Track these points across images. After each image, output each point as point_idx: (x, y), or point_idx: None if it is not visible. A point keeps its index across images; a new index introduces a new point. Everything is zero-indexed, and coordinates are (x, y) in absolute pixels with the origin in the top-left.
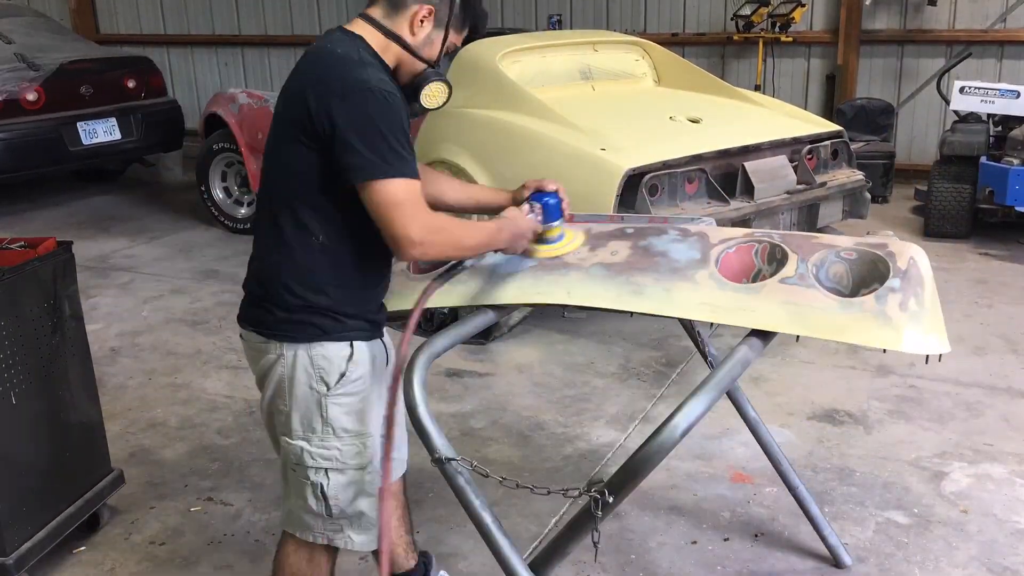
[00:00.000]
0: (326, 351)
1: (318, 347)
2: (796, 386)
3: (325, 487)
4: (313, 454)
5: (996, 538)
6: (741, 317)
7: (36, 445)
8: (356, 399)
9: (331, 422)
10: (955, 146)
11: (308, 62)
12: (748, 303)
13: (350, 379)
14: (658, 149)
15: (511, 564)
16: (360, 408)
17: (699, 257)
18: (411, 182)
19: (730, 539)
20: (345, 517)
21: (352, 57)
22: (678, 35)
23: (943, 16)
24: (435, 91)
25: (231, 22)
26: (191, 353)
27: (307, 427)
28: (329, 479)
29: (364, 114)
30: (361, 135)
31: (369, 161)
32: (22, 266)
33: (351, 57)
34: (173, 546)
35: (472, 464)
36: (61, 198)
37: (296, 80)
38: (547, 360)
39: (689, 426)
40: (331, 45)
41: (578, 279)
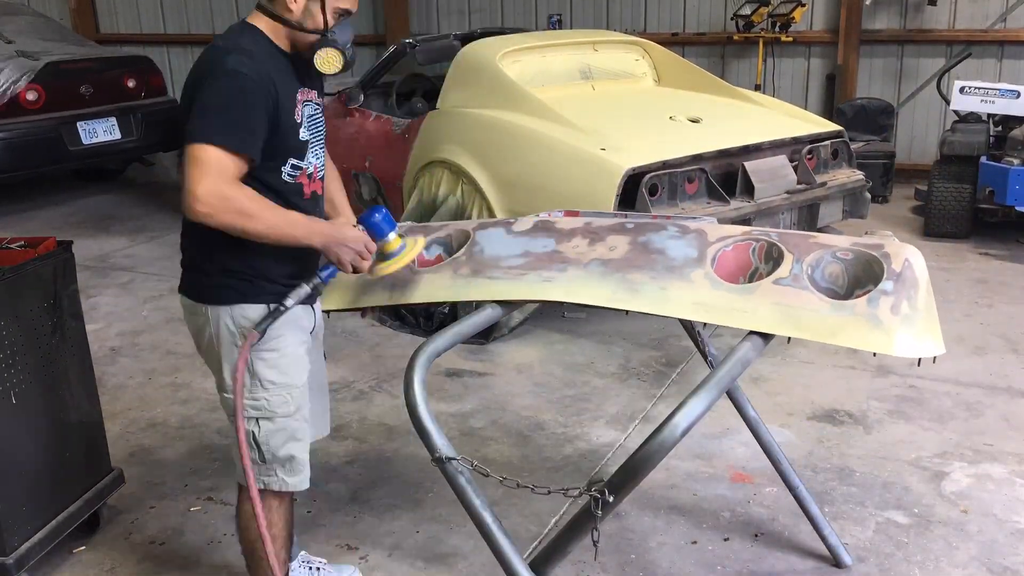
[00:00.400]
0: (245, 312)
1: (238, 308)
2: (796, 386)
3: (257, 435)
4: (244, 405)
5: (996, 538)
6: (734, 318)
7: (36, 445)
8: (277, 354)
9: (257, 375)
10: (955, 146)
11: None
12: (741, 304)
13: (270, 336)
14: (658, 149)
15: (511, 563)
16: (282, 362)
17: (696, 255)
18: (221, 151)
19: (730, 539)
20: (277, 461)
21: (225, 47)
22: (678, 35)
23: (943, 16)
24: (327, 57)
25: (231, 22)
26: (191, 353)
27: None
28: (260, 427)
29: (211, 90)
30: (201, 107)
31: (194, 126)
32: (22, 266)
33: (224, 47)
34: (173, 546)
35: (472, 464)
36: (61, 198)
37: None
38: (547, 360)
39: (689, 425)
40: (218, 38)
41: (575, 276)
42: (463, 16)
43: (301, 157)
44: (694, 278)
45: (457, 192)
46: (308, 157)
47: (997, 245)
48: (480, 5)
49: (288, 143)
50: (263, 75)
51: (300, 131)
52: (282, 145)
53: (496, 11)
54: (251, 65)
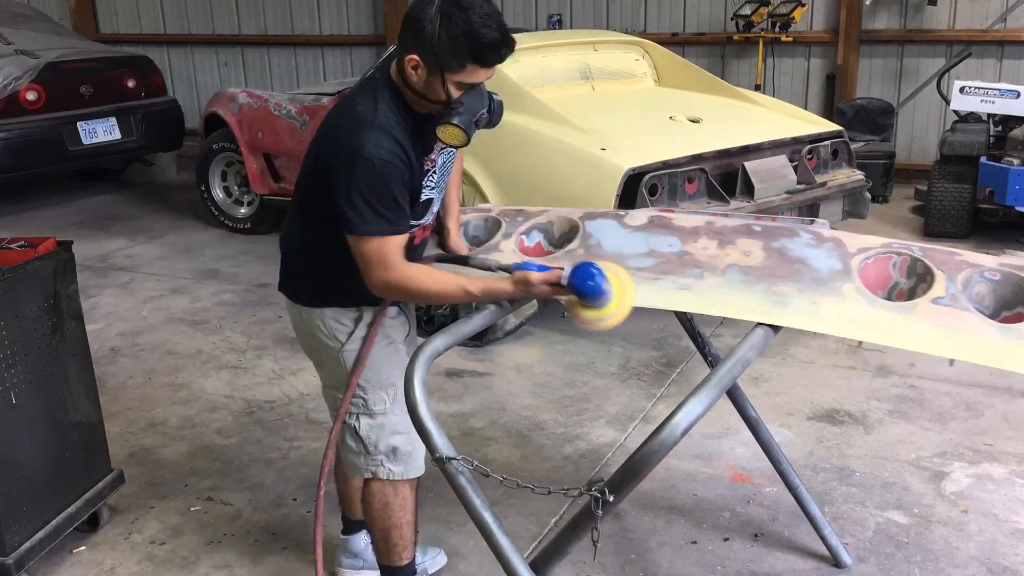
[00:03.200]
0: (336, 314)
1: (328, 311)
2: (796, 386)
3: (358, 429)
4: (343, 407)
5: (996, 538)
6: (892, 338)
7: (36, 445)
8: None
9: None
10: (955, 146)
11: (334, 112)
12: (900, 323)
13: (358, 336)
14: (658, 149)
15: (512, 563)
16: (374, 364)
17: (840, 267)
18: (380, 240)
19: (730, 539)
20: (380, 453)
21: (364, 116)
22: (678, 35)
23: (943, 16)
24: (448, 133)
25: (231, 22)
26: (191, 353)
27: (335, 377)
28: (360, 422)
29: (351, 178)
30: (347, 196)
31: (348, 218)
32: (22, 266)
33: (363, 117)
34: (173, 546)
35: (473, 464)
36: (61, 198)
37: (324, 126)
38: (547, 360)
39: (690, 425)
40: (356, 97)
41: (715, 284)
42: None
43: (422, 216)
44: (846, 293)
45: None
46: (428, 215)
47: (997, 245)
48: None
49: (415, 208)
50: (398, 154)
51: (424, 191)
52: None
53: None
54: (388, 147)
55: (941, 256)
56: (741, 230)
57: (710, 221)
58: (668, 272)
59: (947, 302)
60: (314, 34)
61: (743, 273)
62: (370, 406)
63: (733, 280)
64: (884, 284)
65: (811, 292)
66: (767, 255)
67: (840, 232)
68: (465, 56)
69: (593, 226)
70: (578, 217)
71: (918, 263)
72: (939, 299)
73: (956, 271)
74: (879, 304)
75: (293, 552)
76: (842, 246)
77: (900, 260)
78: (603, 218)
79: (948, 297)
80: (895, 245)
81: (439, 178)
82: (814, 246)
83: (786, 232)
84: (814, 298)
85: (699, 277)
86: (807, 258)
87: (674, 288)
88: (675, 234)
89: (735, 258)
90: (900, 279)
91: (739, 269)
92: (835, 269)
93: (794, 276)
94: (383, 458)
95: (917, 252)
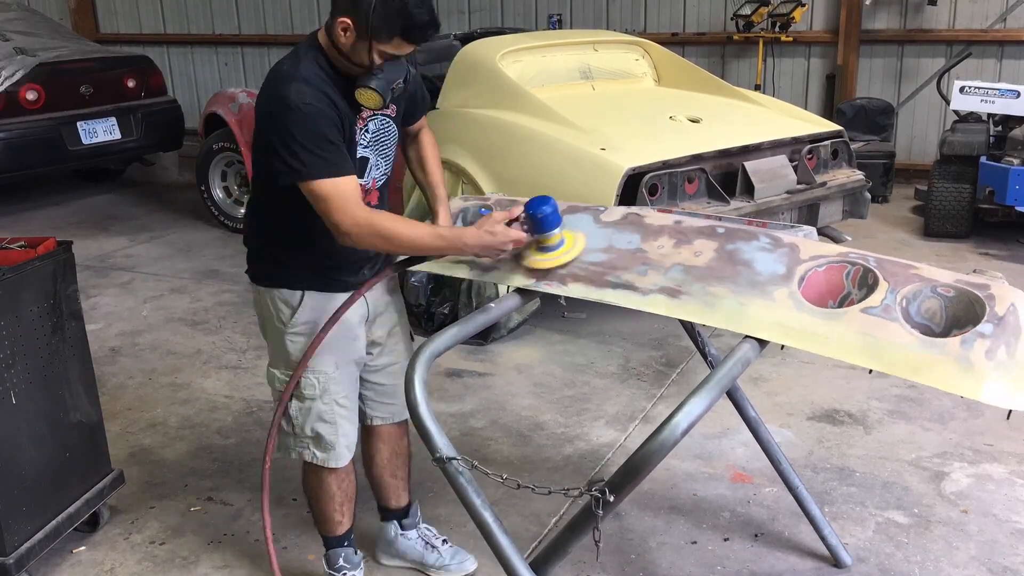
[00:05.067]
0: (283, 295)
1: (276, 291)
2: (796, 386)
3: (289, 408)
4: (279, 379)
5: (996, 538)
6: (812, 343)
7: (36, 445)
8: (306, 339)
9: (288, 355)
10: (955, 146)
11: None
12: (823, 329)
13: (299, 321)
14: (658, 149)
15: (512, 563)
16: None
17: (783, 272)
18: (330, 182)
19: (730, 539)
20: (307, 437)
21: (286, 72)
22: (678, 35)
23: (943, 16)
24: (365, 96)
25: (231, 22)
26: (191, 353)
27: (276, 357)
28: (291, 403)
29: (284, 129)
30: (285, 146)
31: (292, 168)
32: (22, 266)
33: (286, 73)
34: (173, 546)
35: (473, 464)
36: (61, 198)
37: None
38: (547, 360)
39: (690, 425)
40: (282, 60)
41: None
42: (463, 16)
43: (361, 174)
44: (777, 296)
45: (457, 192)
46: (367, 175)
47: (997, 245)
48: (480, 5)
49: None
50: (322, 100)
51: (358, 149)
52: None
53: (496, 11)
54: (310, 92)
55: (894, 268)
56: (704, 231)
57: (679, 220)
58: (615, 268)
59: (878, 312)
60: None
61: (684, 272)
62: (301, 388)
63: (673, 279)
64: (836, 293)
65: (743, 294)
66: (716, 256)
67: (803, 239)
68: (395, 30)
69: (570, 220)
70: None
71: (870, 274)
72: (871, 308)
73: (904, 283)
74: (806, 309)
75: (293, 552)
76: (796, 252)
77: (854, 270)
78: (583, 212)
79: (881, 307)
80: (852, 255)
81: (373, 140)
82: (767, 250)
83: (746, 235)
84: (743, 299)
85: (642, 274)
86: (754, 261)
87: (615, 284)
88: (639, 231)
89: (684, 257)
90: (852, 289)
91: (682, 268)
92: (776, 273)
93: (732, 278)
94: (309, 441)
95: (872, 263)
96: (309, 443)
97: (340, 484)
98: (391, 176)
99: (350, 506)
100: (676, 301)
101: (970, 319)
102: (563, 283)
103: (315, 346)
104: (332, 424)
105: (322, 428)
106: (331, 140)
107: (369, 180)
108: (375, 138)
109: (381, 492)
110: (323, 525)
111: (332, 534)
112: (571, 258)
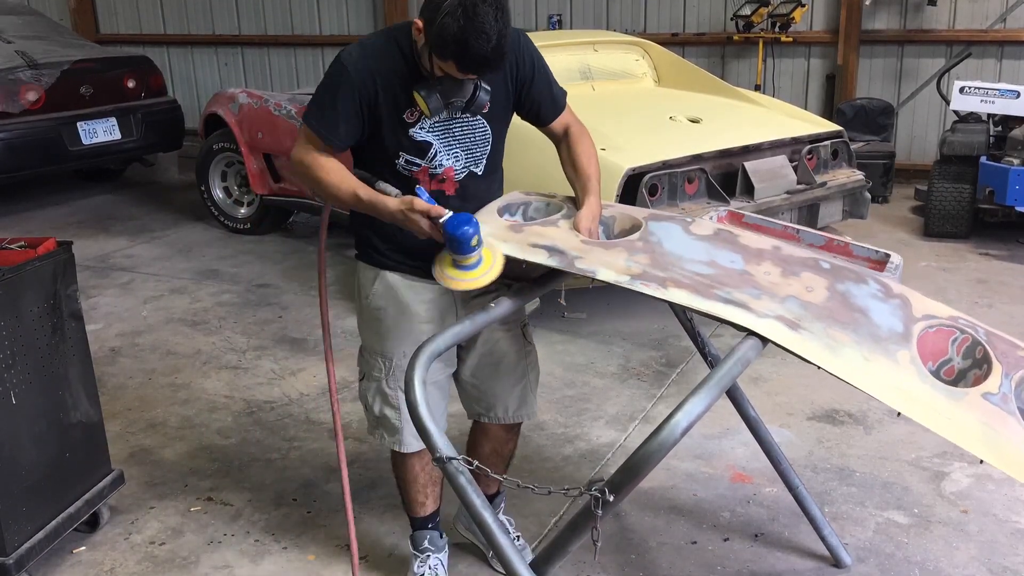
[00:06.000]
0: (363, 268)
1: (360, 266)
2: (796, 386)
3: (360, 388)
4: (358, 359)
5: (996, 538)
6: (934, 421)
7: (36, 445)
8: (378, 322)
9: (362, 334)
10: (955, 146)
11: None
12: (946, 407)
13: (373, 305)
14: (658, 149)
15: (512, 563)
16: (381, 330)
17: (901, 331)
18: (308, 129)
19: (730, 539)
20: (375, 416)
21: (364, 38)
22: (678, 35)
23: (943, 16)
24: (416, 99)
25: (231, 22)
26: (191, 353)
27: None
28: (360, 384)
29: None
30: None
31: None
32: (22, 266)
33: (363, 38)
34: (173, 546)
35: (474, 464)
36: (61, 198)
37: None
38: (547, 360)
39: (690, 424)
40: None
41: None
42: None
43: (421, 156)
44: (900, 359)
45: None
46: (435, 158)
47: (997, 245)
48: None
49: (398, 140)
50: (363, 69)
51: (413, 131)
52: (391, 139)
53: None
54: (356, 58)
55: (1004, 346)
56: (808, 263)
57: (778, 247)
58: (723, 283)
59: (997, 401)
60: (314, 34)
61: (801, 307)
62: (369, 369)
63: (790, 310)
64: (937, 357)
65: (866, 347)
66: (830, 295)
67: (908, 290)
68: (448, 54)
69: (657, 226)
70: (642, 216)
71: (979, 348)
72: (990, 395)
73: (1015, 368)
74: (929, 381)
75: (293, 552)
76: (908, 307)
77: (962, 338)
78: (669, 221)
79: (999, 396)
80: (961, 321)
81: (445, 131)
82: (880, 299)
83: (854, 276)
84: (867, 354)
85: (756, 297)
86: (869, 310)
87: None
88: (738, 252)
89: (796, 290)
90: (955, 357)
91: (798, 302)
92: (895, 331)
93: (852, 324)
94: (377, 422)
95: (982, 335)
96: (377, 423)
97: (424, 466)
98: (490, 172)
99: (435, 488)
100: (796, 335)
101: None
102: (663, 286)
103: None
104: (397, 409)
105: (388, 411)
106: (335, 106)
107: (438, 167)
108: (448, 129)
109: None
110: (407, 506)
111: (416, 515)
112: (488, 280)
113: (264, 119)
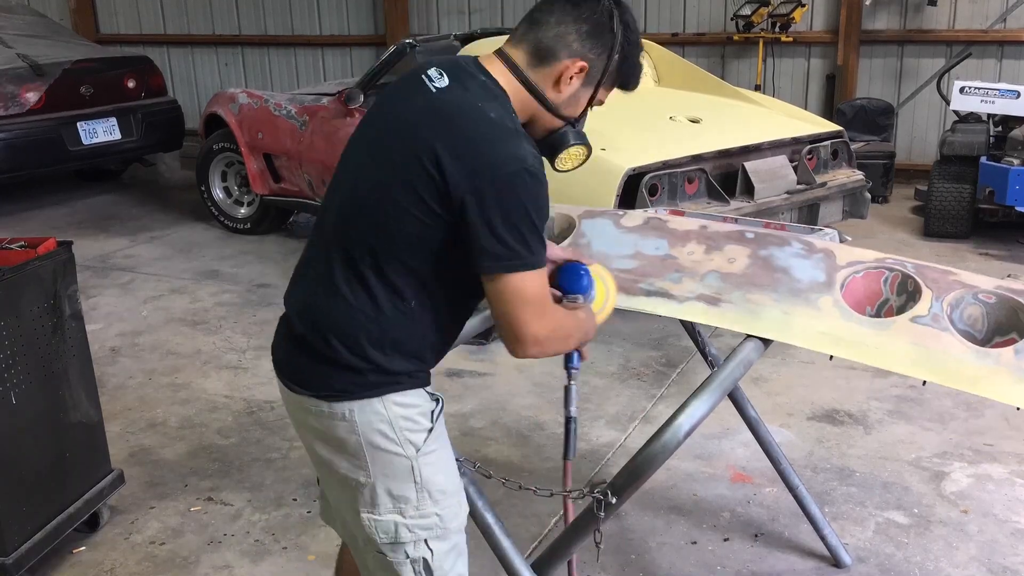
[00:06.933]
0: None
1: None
2: (796, 386)
3: (430, 560)
4: (410, 526)
5: (996, 538)
6: (864, 354)
7: (36, 445)
8: (444, 452)
9: (426, 486)
10: (955, 146)
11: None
12: (873, 339)
13: (437, 433)
14: (658, 149)
15: (513, 564)
16: (449, 463)
17: (823, 280)
18: (542, 274)
19: (730, 539)
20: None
21: (506, 125)
22: (678, 35)
23: (943, 16)
24: (573, 154)
25: (231, 22)
26: (191, 353)
27: (399, 498)
28: (432, 550)
29: (517, 201)
30: (508, 224)
31: (509, 252)
32: (22, 266)
33: (504, 125)
34: (173, 546)
35: (475, 465)
36: (61, 198)
37: (427, 129)
38: (547, 360)
39: (692, 427)
40: (478, 100)
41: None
42: (463, 16)
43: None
44: (822, 305)
45: None
46: None
47: (997, 245)
48: (480, 5)
49: None
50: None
51: None
52: None
53: (496, 11)
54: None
55: (935, 274)
56: (733, 236)
57: (704, 225)
58: (647, 275)
59: (927, 321)
60: (314, 34)
61: (721, 280)
62: (446, 522)
63: (710, 286)
64: (873, 300)
65: (786, 303)
66: (751, 262)
67: (836, 244)
68: (621, 76)
69: (589, 225)
70: (577, 215)
71: (909, 280)
72: (919, 317)
73: (946, 291)
74: (854, 319)
75: (293, 552)
76: (832, 258)
77: (892, 276)
78: (601, 217)
79: (930, 316)
80: (889, 260)
81: None
82: (803, 256)
83: (777, 240)
84: (787, 308)
85: (676, 281)
86: (791, 268)
87: (648, 292)
88: (665, 236)
89: (717, 264)
90: (891, 296)
91: (718, 275)
92: (817, 281)
93: (772, 285)
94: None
95: (910, 269)
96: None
97: None
98: None
99: None
100: (716, 309)
101: (1013, 326)
102: None
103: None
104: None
105: (462, 566)
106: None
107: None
108: None
109: None
110: None
111: None
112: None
113: (264, 119)
